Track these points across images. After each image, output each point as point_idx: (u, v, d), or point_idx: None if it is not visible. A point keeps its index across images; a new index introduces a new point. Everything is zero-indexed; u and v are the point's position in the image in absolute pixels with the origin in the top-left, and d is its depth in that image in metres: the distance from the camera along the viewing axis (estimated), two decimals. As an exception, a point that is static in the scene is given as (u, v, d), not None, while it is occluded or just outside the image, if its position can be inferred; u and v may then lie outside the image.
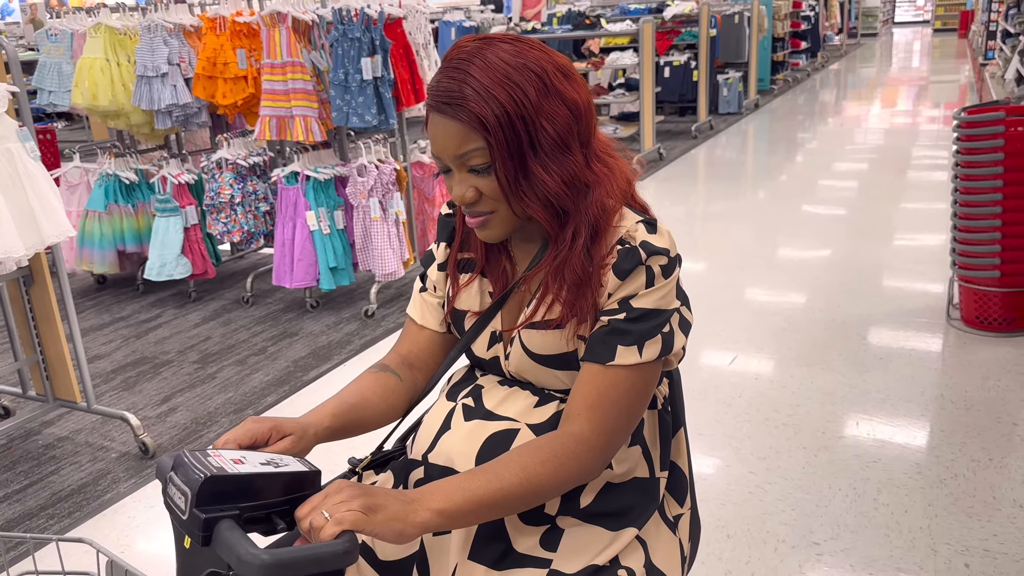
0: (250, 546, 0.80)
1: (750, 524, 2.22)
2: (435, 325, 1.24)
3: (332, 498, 0.86)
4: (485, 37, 1.04)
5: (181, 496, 0.84)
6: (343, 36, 3.61)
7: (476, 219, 1.07)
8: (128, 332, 3.90)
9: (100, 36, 4.12)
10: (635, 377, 1.06)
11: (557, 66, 1.03)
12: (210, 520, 0.82)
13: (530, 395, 1.14)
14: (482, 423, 1.12)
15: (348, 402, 1.12)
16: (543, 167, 1.01)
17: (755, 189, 6.41)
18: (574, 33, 7.22)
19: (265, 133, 3.78)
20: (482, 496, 0.95)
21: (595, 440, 1.04)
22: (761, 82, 10.79)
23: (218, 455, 0.89)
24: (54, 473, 2.68)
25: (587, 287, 1.06)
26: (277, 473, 0.89)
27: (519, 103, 0.99)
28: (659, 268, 1.05)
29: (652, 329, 1.06)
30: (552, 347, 1.11)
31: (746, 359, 3.24)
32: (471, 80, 0.98)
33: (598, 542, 1.09)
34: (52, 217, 2.41)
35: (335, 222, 3.91)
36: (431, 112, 1.03)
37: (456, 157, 1.02)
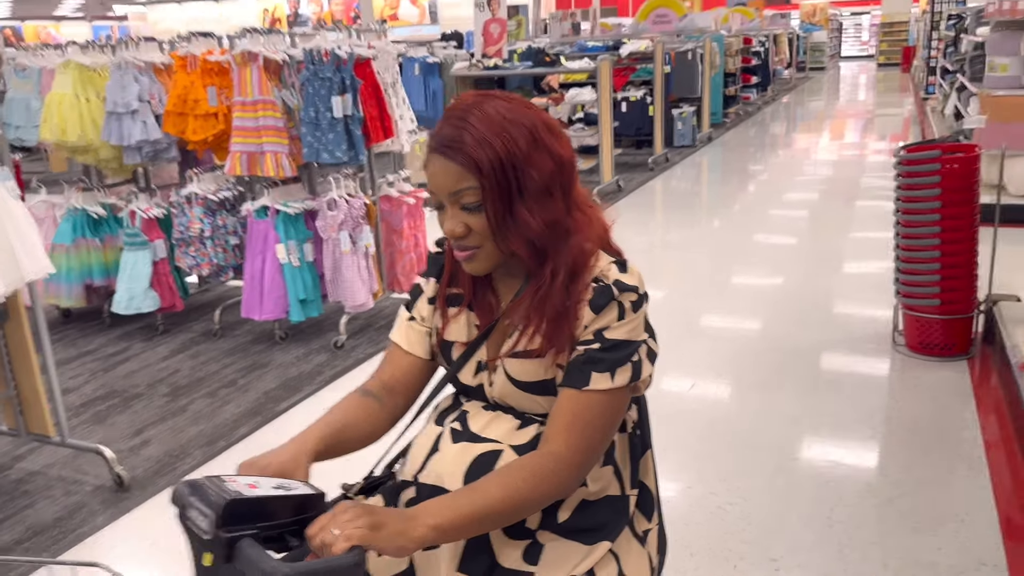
0: (272, 561, 0.90)
1: (712, 542, 2.34)
2: (420, 352, 1.33)
3: (340, 517, 0.96)
4: (484, 93, 1.18)
5: (204, 518, 0.93)
6: (314, 76, 3.72)
7: (464, 253, 1.19)
8: (96, 366, 3.91)
9: (69, 72, 4.16)
10: (608, 401, 1.17)
11: (545, 123, 1.17)
12: (232, 539, 0.92)
13: (512, 419, 1.25)
14: (469, 445, 1.22)
15: (334, 426, 1.21)
16: (528, 210, 1.14)
17: (710, 219, 6.64)
18: (535, 69, 7.42)
19: (236, 168, 3.85)
20: (472, 512, 1.06)
21: (571, 458, 1.14)
22: (714, 116, 11.12)
23: (233, 480, 0.99)
24: (28, 507, 2.69)
25: (564, 321, 1.18)
26: (288, 496, 0.99)
27: (510, 151, 1.12)
28: (629, 303, 1.18)
29: (623, 358, 1.17)
30: (533, 375, 1.22)
31: (705, 384, 3.38)
32: (470, 128, 1.12)
33: (575, 556, 1.20)
34: (32, 253, 2.45)
35: (304, 255, 3.98)
36: (432, 153, 1.15)
37: (451, 194, 1.15)
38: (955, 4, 12.21)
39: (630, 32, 11.06)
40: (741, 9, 15.76)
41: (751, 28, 15.05)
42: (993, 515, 2.40)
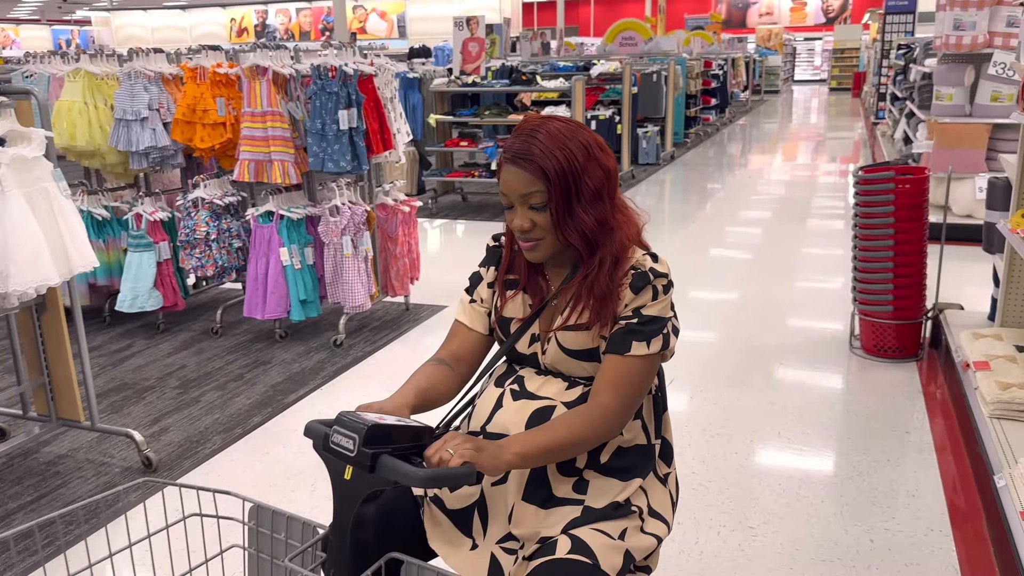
0: (411, 467, 1.18)
1: (696, 513, 2.64)
2: (481, 328, 1.62)
3: (451, 441, 1.27)
4: (546, 116, 1.48)
5: (349, 439, 1.19)
6: (321, 90, 3.97)
7: (528, 243, 1.47)
8: (103, 361, 4.08)
9: (78, 80, 4.34)
10: (644, 364, 1.46)
11: (597, 142, 1.46)
12: (375, 454, 1.19)
13: (561, 381, 1.52)
14: (527, 402, 1.51)
15: (422, 386, 1.49)
16: (583, 209, 1.43)
17: (672, 235, 7.00)
18: (513, 87, 7.74)
19: (244, 175, 4.07)
20: (546, 444, 1.36)
21: (617, 408, 1.43)
22: (676, 135, 11.58)
23: (365, 413, 1.26)
24: (62, 487, 2.88)
25: (609, 300, 1.46)
26: (409, 426, 1.27)
27: (571, 162, 1.40)
28: (661, 287, 1.47)
29: (656, 330, 1.46)
30: (581, 344, 1.49)
31: (681, 381, 3.70)
32: (537, 143, 1.40)
33: (614, 488, 1.49)
34: (79, 248, 2.66)
35: (306, 258, 4.21)
36: (506, 163, 1.43)
37: (521, 196, 1.42)
38: (904, 35, 12.90)
39: (598, 53, 11.46)
40: (701, 33, 16.35)
41: (711, 52, 15.63)
42: (939, 491, 2.75)
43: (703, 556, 2.43)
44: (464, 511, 1.52)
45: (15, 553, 2.46)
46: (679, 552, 2.45)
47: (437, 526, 1.52)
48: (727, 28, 26.66)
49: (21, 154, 2.51)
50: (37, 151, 2.58)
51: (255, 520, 1.41)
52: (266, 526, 1.40)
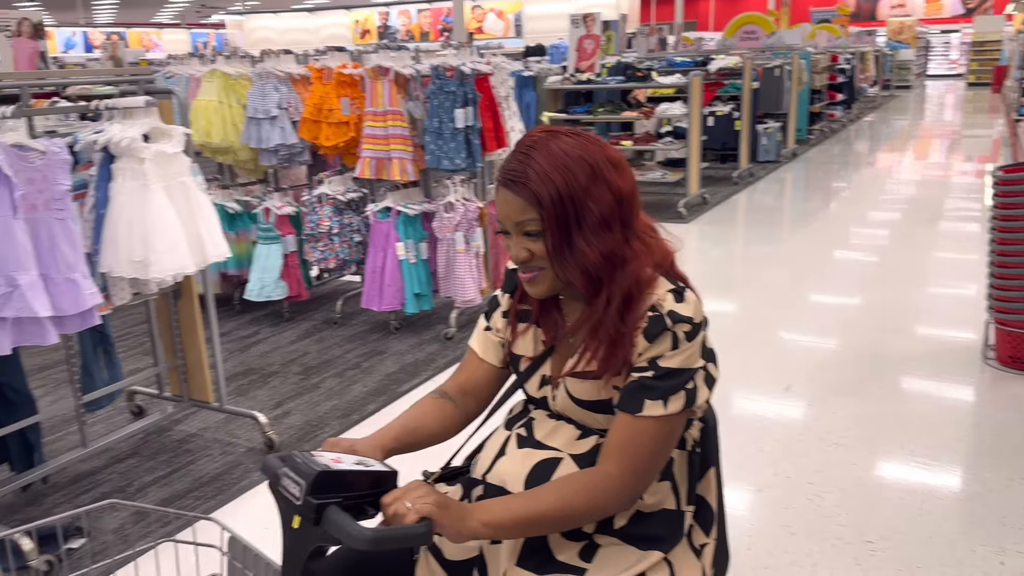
0: (356, 525, 1.05)
1: (810, 524, 2.56)
2: (493, 360, 1.45)
3: (412, 492, 1.12)
4: (553, 129, 1.27)
5: (296, 486, 1.07)
6: (439, 90, 4.06)
7: (526, 275, 1.28)
8: (232, 346, 4.32)
9: (214, 81, 4.61)
10: (661, 426, 1.23)
11: (609, 158, 1.24)
12: (320, 505, 1.06)
13: (574, 429, 1.33)
14: (532, 451, 1.33)
15: (408, 426, 1.36)
16: (585, 241, 1.21)
17: (792, 234, 6.77)
18: (628, 84, 7.68)
19: (365, 172, 4.22)
20: (523, 516, 1.18)
21: (623, 480, 1.23)
22: (799, 132, 11.18)
23: (320, 455, 1.13)
24: (192, 463, 3.08)
25: (619, 346, 1.24)
26: (368, 471, 1.14)
27: (570, 186, 1.19)
28: (683, 333, 1.23)
29: (676, 386, 1.23)
30: (591, 394, 1.29)
31: (799, 388, 3.57)
32: (534, 164, 1.20)
33: (628, 558, 1.28)
34: (214, 240, 2.84)
35: (420, 252, 4.33)
36: (499, 186, 1.25)
37: (515, 224, 1.24)
38: (1053, 25, 11.96)
39: (717, 48, 11.21)
40: (827, 26, 15.71)
41: (838, 45, 14.99)
42: (1080, 515, 2.56)
43: (816, 568, 2.35)
44: (463, 564, 1.34)
45: None
46: (790, 563, 2.38)
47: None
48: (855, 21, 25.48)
49: (163, 150, 2.69)
50: (177, 147, 2.76)
51: (232, 552, 1.30)
52: (239, 559, 1.29)
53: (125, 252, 2.61)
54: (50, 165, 2.42)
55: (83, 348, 3.03)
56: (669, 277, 1.28)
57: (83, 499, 2.82)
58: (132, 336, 4.44)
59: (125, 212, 2.61)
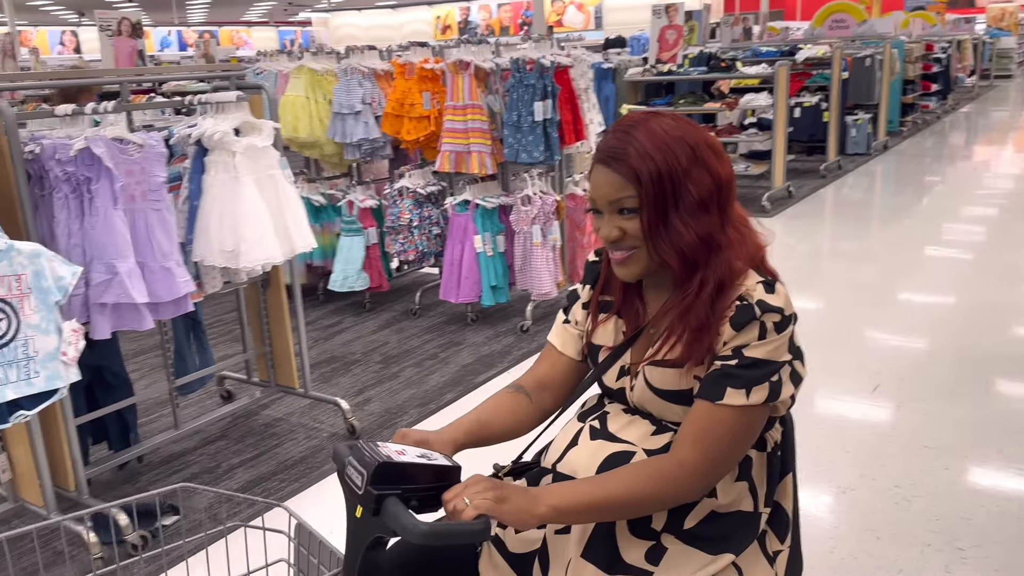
0: (413, 518, 1.04)
1: (898, 529, 2.47)
2: (572, 353, 1.43)
3: (472, 488, 1.10)
4: (653, 111, 1.28)
5: (359, 475, 1.07)
6: (519, 83, 4.07)
7: (618, 256, 1.25)
8: (316, 335, 4.45)
9: (302, 77, 4.74)
10: (740, 417, 1.20)
11: (709, 143, 1.23)
12: (380, 496, 1.06)
13: (649, 424, 1.30)
14: (604, 443, 1.30)
15: (481, 420, 1.35)
16: (682, 221, 1.20)
17: (882, 230, 6.52)
18: (709, 75, 7.53)
19: (445, 165, 4.27)
20: (591, 500, 1.16)
21: (696, 468, 1.19)
22: (890, 124, 10.75)
23: (385, 447, 1.13)
24: (277, 447, 3.18)
25: (705, 333, 1.22)
26: (430, 464, 1.13)
27: (671, 166, 1.19)
28: (772, 324, 1.20)
29: (761, 377, 1.19)
30: (671, 383, 1.26)
31: (887, 388, 3.45)
32: (634, 142, 1.20)
33: (696, 562, 1.23)
34: (301, 231, 2.92)
35: (497, 245, 4.35)
36: (596, 164, 1.24)
37: (610, 202, 1.22)
38: None
39: (805, 37, 10.88)
40: (922, 14, 15.06)
41: (933, 33, 14.36)
42: None
43: (902, 574, 2.27)
44: (524, 557, 1.34)
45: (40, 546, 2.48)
46: (875, 568, 2.30)
47: (493, 569, 1.35)
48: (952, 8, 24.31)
49: (253, 144, 2.78)
50: (267, 141, 2.85)
51: (299, 538, 1.31)
52: (305, 546, 1.30)
53: (217, 242, 2.71)
54: (147, 158, 2.54)
55: (177, 334, 3.17)
56: (759, 270, 1.26)
57: (174, 479, 2.96)
58: (223, 323, 4.61)
59: (217, 204, 2.71)
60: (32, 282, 2.07)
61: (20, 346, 2.06)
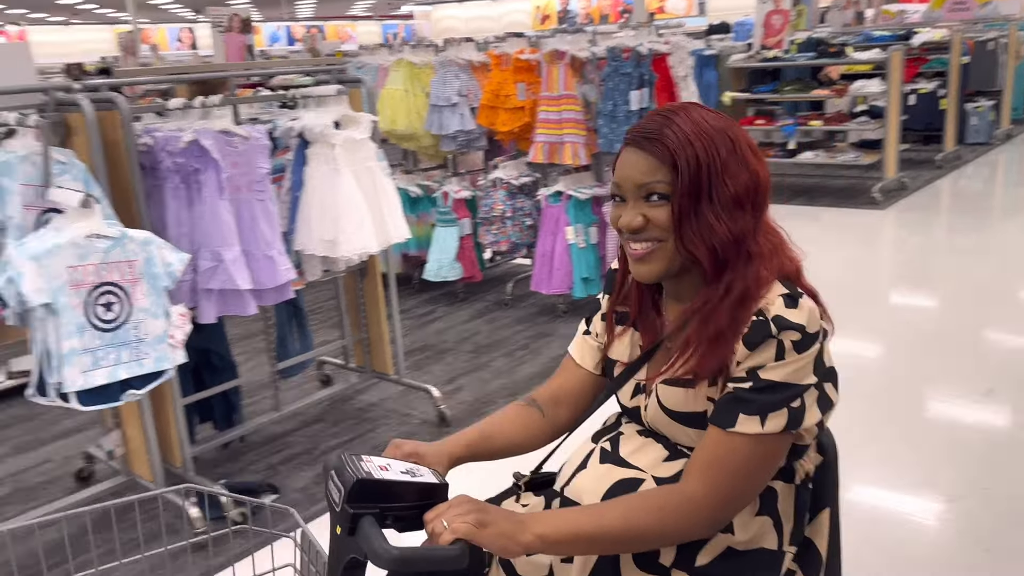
0: (384, 542, 0.98)
1: (1011, 543, 2.31)
2: (590, 367, 1.35)
3: (453, 509, 1.02)
4: (694, 103, 1.19)
5: (337, 491, 1.01)
6: (615, 71, 4.02)
7: (639, 250, 1.15)
8: (411, 323, 4.53)
9: (401, 70, 4.82)
10: (755, 446, 1.09)
11: (749, 141, 1.16)
12: (356, 515, 1.00)
13: (662, 449, 1.21)
14: (613, 468, 1.22)
15: (486, 433, 1.29)
16: (715, 215, 1.11)
17: (1003, 224, 6.12)
18: (817, 61, 7.24)
19: (538, 156, 4.27)
20: (582, 530, 1.06)
21: (705, 501, 1.09)
22: (1015, 111, 10.07)
23: (369, 461, 1.06)
24: (371, 431, 3.26)
25: (721, 346, 1.11)
26: (413, 482, 1.06)
27: (709, 155, 1.11)
28: (790, 343, 1.08)
29: (778, 402, 1.08)
30: (683, 404, 1.17)
31: (1001, 393, 3.24)
32: (674, 125, 1.12)
33: None
34: (396, 222, 2.98)
35: (590, 237, 4.32)
36: (627, 146, 1.16)
37: (639, 186, 1.14)
38: None
39: (922, 20, 10.32)
40: (1056, -9, 13.99)
41: (1068, 12, 13.33)
42: None
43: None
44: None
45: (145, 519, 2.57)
46: (983, 582, 2.17)
47: None
48: (1092, -17, 22.52)
49: (352, 136, 2.85)
50: (365, 133, 2.92)
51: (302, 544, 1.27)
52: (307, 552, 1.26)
53: (317, 232, 2.79)
54: (252, 150, 2.64)
55: (279, 320, 3.29)
56: (788, 283, 1.14)
57: (274, 459, 3.07)
58: (323, 310, 4.76)
59: (317, 195, 2.80)
60: (143, 268, 2.19)
61: (131, 329, 2.18)
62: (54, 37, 26.24)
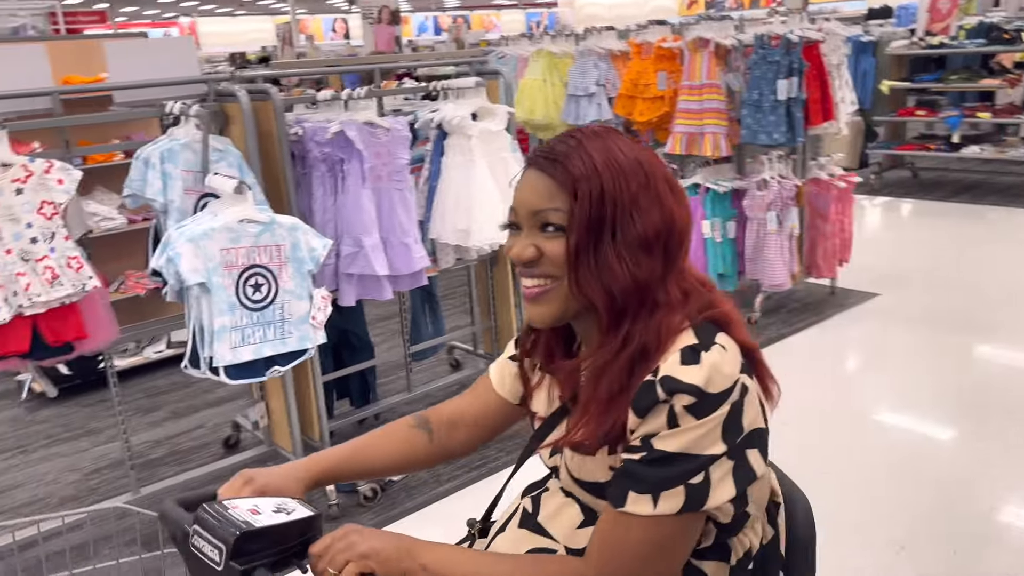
0: None
1: None
2: (507, 394, 1.23)
3: (340, 542, 0.98)
4: (611, 130, 1.05)
5: (214, 549, 0.95)
6: (762, 59, 3.87)
7: (532, 287, 1.02)
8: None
9: (540, 60, 4.84)
10: (651, 529, 0.95)
11: (668, 179, 1.02)
12: (246, 572, 0.95)
13: (579, 513, 1.10)
14: (527, 534, 1.13)
15: (357, 451, 1.20)
16: (617, 255, 0.97)
17: None
18: (988, 48, 6.69)
19: (676, 147, 4.17)
20: (465, 573, 0.99)
21: None
22: None
23: (235, 507, 0.99)
24: (498, 418, 3.31)
25: (614, 411, 0.97)
26: (291, 522, 1.01)
27: (617, 187, 0.97)
28: (682, 408, 0.93)
29: (673, 478, 0.93)
30: (589, 473, 1.05)
31: None
32: (582, 151, 0.99)
33: None
34: (528, 212, 3.00)
35: (727, 231, 4.19)
36: (528, 167, 1.03)
37: (533, 213, 1.00)
38: None
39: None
40: None
41: None
42: None
43: None
44: None
45: None
46: None
47: None
48: None
49: (488, 128, 2.88)
50: (500, 125, 2.94)
51: None
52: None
53: (451, 221, 2.85)
54: (394, 141, 2.72)
55: (413, 305, 3.40)
56: (708, 330, 0.98)
57: (405, 438, 3.17)
58: (455, 297, 4.87)
59: (453, 185, 2.85)
60: (290, 252, 2.31)
61: (277, 309, 2.31)
62: (221, 28, 28.16)
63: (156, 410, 3.62)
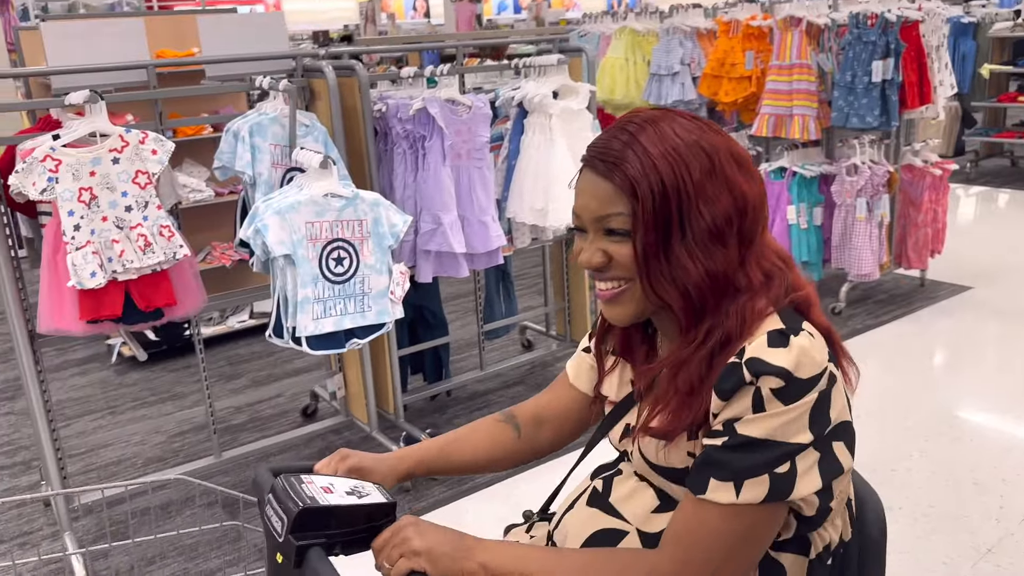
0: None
1: None
2: (584, 387, 1.21)
3: (396, 536, 0.97)
4: (667, 110, 0.99)
5: (279, 520, 0.96)
6: (857, 39, 3.71)
7: (606, 291, 0.99)
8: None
9: (623, 38, 4.76)
10: (731, 519, 0.91)
11: (733, 153, 0.96)
12: (302, 547, 0.94)
13: (654, 497, 1.07)
14: (598, 514, 1.10)
15: (446, 448, 1.18)
16: (688, 252, 0.93)
17: None
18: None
19: (763, 129, 4.05)
20: (529, 572, 0.96)
21: None
22: None
23: (310, 482, 1.00)
24: (569, 400, 3.30)
25: (694, 400, 0.95)
26: (359, 505, 1.00)
27: (680, 179, 0.92)
28: (769, 391, 0.89)
29: (758, 465, 0.89)
30: (663, 459, 1.02)
31: None
32: (636, 145, 0.93)
33: None
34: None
35: (813, 218, 4.05)
36: (585, 166, 0.99)
37: (596, 218, 0.96)
38: None
39: None
40: None
41: None
42: None
43: None
44: None
45: None
46: None
47: None
48: None
49: (569, 106, 2.85)
50: (582, 103, 2.90)
51: None
52: None
53: (528, 201, 2.84)
54: (474, 119, 2.72)
55: (487, 283, 3.40)
56: (793, 315, 0.95)
57: (476, 415, 3.20)
58: (529, 277, 4.86)
59: (532, 164, 2.83)
60: (371, 227, 2.34)
61: (358, 283, 2.34)
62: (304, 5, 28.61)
63: (238, 378, 3.73)
